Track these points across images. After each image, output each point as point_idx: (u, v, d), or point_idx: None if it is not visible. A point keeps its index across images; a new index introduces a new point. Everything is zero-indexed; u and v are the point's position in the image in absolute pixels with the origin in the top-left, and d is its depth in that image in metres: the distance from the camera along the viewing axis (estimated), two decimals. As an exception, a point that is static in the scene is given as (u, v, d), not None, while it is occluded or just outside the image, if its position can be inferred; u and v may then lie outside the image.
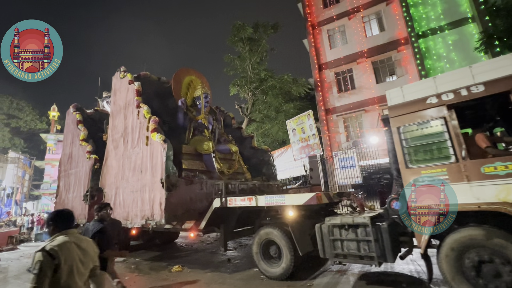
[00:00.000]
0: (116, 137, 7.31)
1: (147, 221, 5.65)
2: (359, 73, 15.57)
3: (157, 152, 5.73)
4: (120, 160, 6.96)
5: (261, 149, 8.77)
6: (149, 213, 5.63)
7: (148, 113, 6.38)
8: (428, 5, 14.19)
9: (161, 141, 5.69)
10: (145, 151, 6.13)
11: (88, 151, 8.35)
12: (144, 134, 6.26)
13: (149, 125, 6.12)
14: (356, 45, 15.79)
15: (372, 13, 15.65)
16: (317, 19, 17.39)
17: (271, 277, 4.68)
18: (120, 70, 7.71)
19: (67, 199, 9.07)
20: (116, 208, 6.60)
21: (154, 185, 5.62)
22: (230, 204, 5.15)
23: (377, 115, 14.75)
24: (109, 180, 7.20)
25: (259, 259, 4.89)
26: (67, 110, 10.25)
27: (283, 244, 4.52)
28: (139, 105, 6.67)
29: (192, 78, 8.10)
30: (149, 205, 5.66)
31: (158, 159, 5.68)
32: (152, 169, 5.79)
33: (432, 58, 13.73)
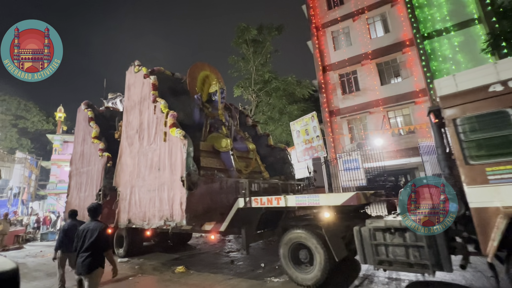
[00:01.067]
0: (131, 134, 6.98)
1: (166, 222, 5.29)
2: (364, 75, 15.45)
3: (177, 148, 5.37)
4: (135, 158, 6.63)
5: (278, 147, 8.30)
6: (168, 214, 5.28)
7: (165, 108, 6.02)
8: (434, 6, 14.03)
9: (181, 136, 5.33)
10: (163, 147, 5.79)
11: (101, 149, 8.05)
12: (161, 130, 5.91)
13: (167, 120, 5.78)
14: (361, 46, 15.67)
15: (376, 14, 15.47)
16: (321, 21, 17.32)
17: (302, 283, 4.26)
18: (134, 64, 7.39)
19: (78, 198, 8.74)
20: (131, 208, 6.34)
21: (173, 183, 5.28)
22: (256, 205, 4.75)
23: (381, 117, 14.64)
24: (124, 179, 6.86)
25: (288, 264, 4.46)
26: (78, 108, 9.90)
27: (316, 248, 4.10)
28: (155, 100, 6.33)
29: (207, 73, 7.71)
30: (168, 205, 5.32)
31: (177, 156, 5.32)
32: (171, 167, 5.45)
33: (438, 59, 13.57)
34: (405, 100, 13.89)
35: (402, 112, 14.27)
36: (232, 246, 8.52)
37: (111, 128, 9.03)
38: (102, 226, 3.28)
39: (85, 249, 3.09)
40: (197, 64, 7.72)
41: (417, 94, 13.68)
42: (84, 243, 3.12)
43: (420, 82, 13.63)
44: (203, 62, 8.03)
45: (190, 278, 5.22)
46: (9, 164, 20.89)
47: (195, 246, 9.01)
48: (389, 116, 14.54)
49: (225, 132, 7.10)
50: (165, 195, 5.45)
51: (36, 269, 7.05)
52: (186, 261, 6.75)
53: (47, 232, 14.04)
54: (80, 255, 3.11)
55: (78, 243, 3.18)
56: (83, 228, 3.28)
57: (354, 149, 13.19)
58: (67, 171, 29.28)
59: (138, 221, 6.15)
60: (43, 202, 26.21)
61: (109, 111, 10.29)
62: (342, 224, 4.35)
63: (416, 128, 12.90)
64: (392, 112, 14.50)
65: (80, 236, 3.20)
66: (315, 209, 4.61)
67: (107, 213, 7.22)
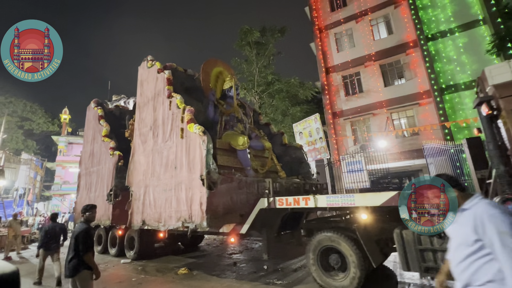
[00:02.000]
0: (144, 131, 6.68)
1: (184, 223, 4.96)
2: (367, 76, 15.36)
3: (195, 145, 5.07)
4: (149, 156, 6.32)
5: (293, 146, 7.88)
6: (186, 215, 4.97)
7: (181, 103, 5.72)
8: (438, 7, 13.91)
9: (200, 132, 5.01)
10: (179, 144, 5.48)
11: (112, 147, 7.75)
12: (177, 126, 5.61)
13: (184, 116, 5.47)
14: (364, 48, 15.61)
15: (380, 16, 15.32)
16: (324, 23, 17.28)
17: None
18: (147, 59, 7.11)
19: (88, 198, 8.45)
20: (145, 209, 6.03)
21: (192, 182, 4.96)
22: (281, 205, 4.38)
23: (385, 119, 14.54)
24: (137, 178, 6.54)
25: (318, 270, 4.06)
26: (87, 106, 9.58)
27: (350, 253, 3.70)
28: (170, 95, 6.03)
29: (220, 70, 7.38)
30: (186, 205, 5.01)
31: (196, 153, 5.01)
32: (189, 165, 5.13)
33: (442, 61, 13.44)
34: (409, 102, 13.76)
35: (406, 114, 14.15)
36: (234, 248, 8.50)
37: (121, 126, 8.77)
38: (82, 228, 3.21)
39: (70, 251, 3.13)
40: (210, 60, 7.36)
41: (421, 96, 13.56)
42: (70, 245, 3.15)
43: (424, 83, 13.50)
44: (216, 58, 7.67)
45: (193, 280, 5.20)
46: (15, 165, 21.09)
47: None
48: (393, 117, 14.42)
49: (241, 129, 6.80)
50: (183, 195, 5.14)
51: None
52: (190, 262, 6.70)
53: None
54: (67, 257, 3.14)
55: (69, 245, 3.18)
56: (73, 230, 3.30)
57: (357, 151, 13.07)
58: (71, 172, 29.61)
59: (153, 223, 5.82)
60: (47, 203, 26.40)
61: (118, 110, 9.97)
62: (377, 227, 3.93)
63: (420, 130, 12.76)
64: (396, 113, 14.39)
65: (71, 237, 3.22)
66: (347, 210, 4.21)
67: (119, 214, 7.00)
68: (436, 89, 12.93)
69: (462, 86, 12.75)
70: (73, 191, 26.58)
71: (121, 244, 7.54)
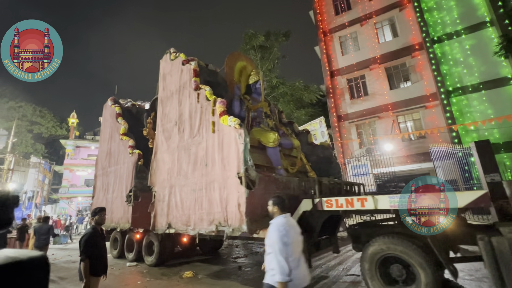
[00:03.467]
0: (168, 127, 6.30)
1: (218, 227, 4.49)
2: (372, 79, 15.30)
3: (230, 139, 4.60)
4: (174, 153, 5.91)
5: (321, 145, 7.36)
6: (221, 217, 4.49)
7: (211, 95, 5.32)
8: (443, 9, 13.83)
9: (236, 125, 4.51)
10: (210, 139, 5.06)
11: (131, 146, 7.39)
12: (208, 120, 5.20)
13: (216, 108, 5.05)
14: (369, 51, 15.55)
15: (385, 19, 15.27)
16: (328, 26, 17.32)
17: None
18: (170, 52, 6.85)
19: (105, 200, 8.05)
20: (171, 211, 5.61)
21: (227, 181, 4.51)
22: (329, 207, 3.86)
23: (391, 122, 14.40)
24: (160, 177, 6.12)
25: (378, 283, 3.49)
26: (104, 104, 9.33)
27: (420, 264, 3.15)
28: (198, 87, 5.68)
29: (244, 64, 6.99)
30: (220, 207, 4.54)
31: (231, 148, 4.54)
32: (222, 161, 4.68)
33: (449, 63, 13.30)
34: (415, 105, 13.63)
35: (412, 117, 14.01)
36: (239, 252, 8.47)
37: (138, 125, 8.47)
38: (85, 233, 3.16)
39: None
40: (234, 53, 6.98)
41: (428, 99, 13.42)
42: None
43: (431, 86, 13.37)
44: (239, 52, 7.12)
45: (198, 284, 5.19)
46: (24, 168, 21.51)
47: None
48: (399, 120, 14.29)
49: (270, 125, 6.33)
50: (216, 195, 4.66)
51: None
52: (195, 266, 6.71)
53: (60, 235, 14.31)
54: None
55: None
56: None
57: (363, 154, 12.97)
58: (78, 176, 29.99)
59: (180, 226, 5.34)
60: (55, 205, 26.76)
61: (135, 108, 9.63)
62: (456, 232, 3.34)
63: (427, 133, 12.61)
64: (402, 116, 14.25)
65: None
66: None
67: (139, 216, 6.66)
68: (442, 91, 12.78)
69: (470, 89, 12.58)
70: (80, 194, 26.95)
71: (138, 249, 7.09)
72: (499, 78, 12.04)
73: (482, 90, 12.30)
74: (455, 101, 12.80)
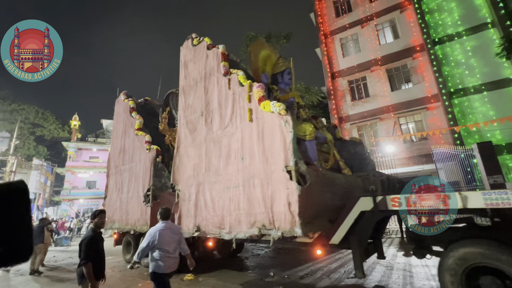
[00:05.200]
0: (192, 118, 5.78)
1: (261, 230, 3.90)
2: (373, 81, 15.28)
3: (274, 127, 4.04)
4: (201, 147, 5.38)
5: (352, 141, 6.80)
6: (265, 218, 3.90)
7: (244, 79, 4.82)
8: (445, 11, 13.81)
9: (280, 110, 3.94)
10: (247, 129, 4.51)
11: (147, 141, 6.92)
12: (242, 107, 4.66)
13: (253, 94, 4.51)
14: (370, 53, 15.56)
15: (385, 21, 15.26)
16: (329, 28, 17.35)
17: None
18: (192, 37, 6.41)
19: (119, 200, 7.52)
20: (200, 212, 5.04)
21: (271, 176, 3.94)
22: (396, 206, 3.26)
23: (392, 123, 14.35)
24: (185, 174, 5.58)
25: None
26: (116, 99, 8.93)
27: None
28: (228, 72, 5.19)
29: (268, 53, 6.48)
30: (263, 206, 3.95)
31: (276, 138, 3.98)
32: (264, 154, 4.12)
33: (450, 64, 13.27)
34: (416, 106, 13.59)
35: (414, 118, 13.96)
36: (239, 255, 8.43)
37: (153, 121, 8.07)
38: (86, 236, 3.14)
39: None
40: (258, 41, 6.55)
41: (429, 100, 13.38)
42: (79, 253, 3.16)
43: (432, 87, 13.34)
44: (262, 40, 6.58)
45: (199, 286, 5.18)
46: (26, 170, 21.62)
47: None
48: (401, 122, 14.25)
49: (304, 116, 5.85)
50: (257, 192, 4.08)
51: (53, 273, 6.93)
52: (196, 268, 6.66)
53: (61, 237, 14.33)
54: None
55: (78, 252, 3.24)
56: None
57: (364, 156, 12.94)
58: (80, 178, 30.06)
59: (212, 229, 4.75)
60: (57, 207, 26.83)
61: (149, 103, 9.11)
62: None
63: (429, 135, 12.55)
64: (403, 118, 14.21)
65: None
66: (474, 213, 3.20)
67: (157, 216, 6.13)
68: (444, 93, 12.74)
69: (472, 90, 12.53)
70: (81, 196, 27.00)
71: None
72: (501, 79, 11.99)
73: (484, 91, 12.25)
74: (456, 103, 12.76)
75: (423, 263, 5.87)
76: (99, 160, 30.09)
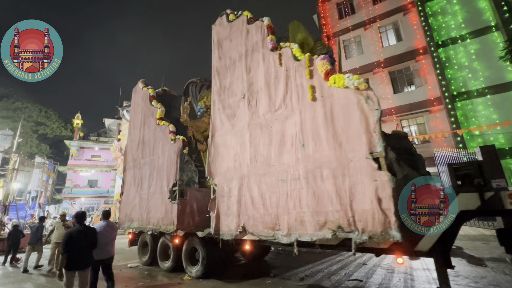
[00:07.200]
0: (231, 102, 5.21)
1: (336, 232, 3.20)
2: (376, 83, 15.24)
3: (349, 106, 3.37)
4: (243, 134, 4.75)
5: (395, 135, 5.78)
6: (341, 218, 3.19)
7: (301, 53, 4.20)
8: (448, 14, 13.80)
9: (359, 84, 3.28)
10: (308, 110, 3.85)
11: (172, 131, 6.33)
12: (300, 85, 4.04)
13: (315, 68, 3.83)
14: (373, 55, 15.54)
15: (389, 23, 15.25)
16: (332, 30, 17.36)
17: None
18: (227, 13, 5.90)
19: (139, 197, 6.90)
20: (245, 209, 4.42)
21: (348, 165, 3.24)
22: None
23: (395, 126, 14.34)
24: (223, 166, 5.00)
25: None
26: (133, 88, 8.37)
27: None
28: (276, 46, 4.63)
29: (304, 36, 5.86)
30: (338, 203, 3.23)
31: (353, 118, 3.30)
32: (335, 138, 3.44)
33: (453, 67, 13.24)
34: (419, 109, 13.55)
35: (416, 121, 13.92)
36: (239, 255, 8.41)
37: (172, 112, 7.56)
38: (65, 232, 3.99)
39: None
40: (294, 23, 5.92)
41: (432, 103, 13.34)
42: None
43: (435, 90, 13.29)
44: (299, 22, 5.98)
45: (199, 286, 5.18)
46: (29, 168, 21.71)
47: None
48: (403, 125, 14.20)
49: None
50: (328, 186, 3.39)
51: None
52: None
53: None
54: None
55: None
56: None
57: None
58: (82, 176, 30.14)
59: (262, 230, 4.09)
60: (58, 206, 26.93)
61: (166, 94, 8.36)
62: None
63: (431, 137, 12.52)
64: (405, 120, 14.17)
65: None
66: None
67: (186, 217, 5.58)
68: (447, 96, 12.70)
69: (475, 93, 12.48)
70: (83, 195, 27.09)
71: (177, 257, 5.96)
72: (504, 83, 11.93)
73: (488, 94, 12.19)
74: (459, 106, 12.70)
75: (424, 266, 5.84)
76: (101, 159, 30.21)
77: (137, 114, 7.90)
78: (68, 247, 3.67)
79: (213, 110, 5.62)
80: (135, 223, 6.94)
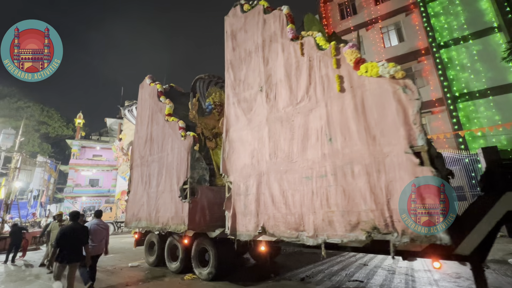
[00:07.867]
0: (247, 96, 5.01)
1: (371, 234, 2.93)
2: (377, 84, 15.26)
3: (384, 96, 3.12)
4: (261, 129, 4.54)
5: None
6: (376, 218, 2.92)
7: (325, 41, 3.95)
8: (450, 15, 13.75)
9: (396, 73, 3.04)
10: (335, 102, 3.60)
11: (182, 127, 6.19)
12: (325, 75, 3.78)
13: (342, 57, 3.59)
14: (374, 55, 15.49)
15: (391, 24, 15.19)
16: (334, 30, 17.43)
17: None
18: (240, 3, 5.71)
19: (146, 195, 6.73)
20: (264, 209, 4.17)
21: (384, 160, 2.98)
22: None
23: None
24: (239, 163, 4.79)
25: None
26: (140, 84, 8.23)
27: None
28: (296, 36, 4.37)
29: (319, 29, 5.62)
30: (373, 202, 2.97)
31: (388, 110, 3.04)
32: (368, 131, 3.19)
33: (455, 68, 13.19)
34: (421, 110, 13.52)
35: (418, 122, 13.88)
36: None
37: (179, 109, 7.38)
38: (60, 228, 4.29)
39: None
40: (309, 15, 5.70)
41: (434, 104, 13.29)
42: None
43: (437, 91, 13.25)
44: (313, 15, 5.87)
45: (200, 286, 5.18)
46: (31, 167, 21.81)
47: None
48: (404, 125, 14.18)
49: None
50: (361, 183, 3.12)
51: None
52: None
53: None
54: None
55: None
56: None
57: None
58: (83, 176, 30.25)
59: (284, 231, 3.83)
60: (60, 205, 27.01)
61: (173, 91, 8.12)
62: None
63: (433, 138, 12.48)
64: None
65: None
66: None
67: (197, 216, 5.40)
68: (449, 97, 12.66)
69: (477, 94, 12.43)
70: (84, 194, 27.16)
71: (186, 257, 5.82)
72: (507, 84, 11.88)
73: (490, 96, 12.14)
74: (461, 107, 12.66)
75: (426, 267, 5.81)
76: (102, 158, 30.30)
77: (144, 111, 7.75)
78: (60, 242, 3.99)
79: (227, 105, 5.40)
80: (143, 223, 6.76)
